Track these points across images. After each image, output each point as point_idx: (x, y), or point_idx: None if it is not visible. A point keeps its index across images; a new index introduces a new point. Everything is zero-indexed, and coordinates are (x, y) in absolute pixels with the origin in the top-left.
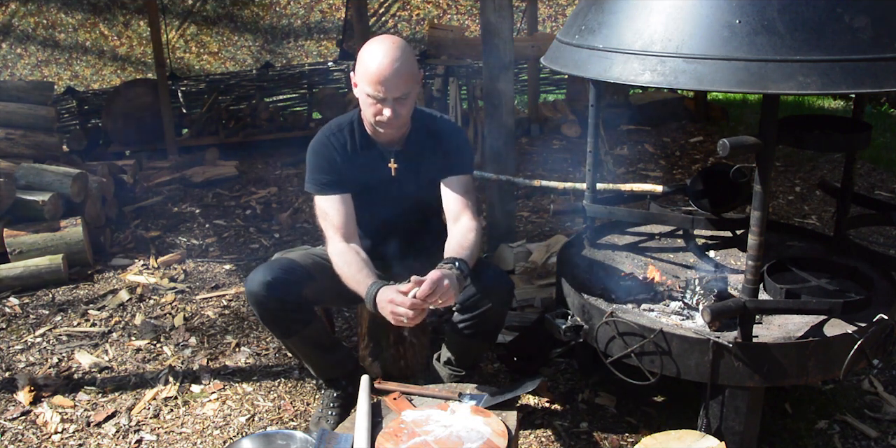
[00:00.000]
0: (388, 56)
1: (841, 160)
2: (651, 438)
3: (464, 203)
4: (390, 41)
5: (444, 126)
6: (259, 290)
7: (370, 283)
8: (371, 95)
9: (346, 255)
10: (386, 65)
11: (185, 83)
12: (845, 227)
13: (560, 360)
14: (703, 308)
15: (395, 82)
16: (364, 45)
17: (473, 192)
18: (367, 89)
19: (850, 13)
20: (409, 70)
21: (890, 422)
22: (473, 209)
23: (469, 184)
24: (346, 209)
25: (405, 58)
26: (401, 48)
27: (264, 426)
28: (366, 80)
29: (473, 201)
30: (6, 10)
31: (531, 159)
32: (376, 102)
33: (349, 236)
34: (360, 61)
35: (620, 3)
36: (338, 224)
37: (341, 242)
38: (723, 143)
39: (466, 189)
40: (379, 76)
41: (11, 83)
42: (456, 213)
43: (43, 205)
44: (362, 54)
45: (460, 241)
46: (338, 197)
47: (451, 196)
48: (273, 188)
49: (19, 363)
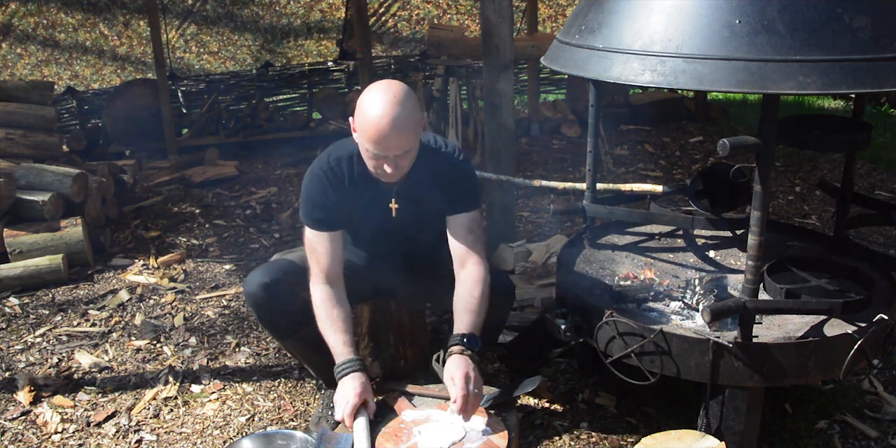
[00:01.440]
0: (387, 114)
1: (841, 160)
2: (651, 438)
3: (469, 244)
4: (391, 95)
5: (449, 160)
6: (257, 292)
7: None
8: (371, 152)
9: (328, 307)
10: (385, 124)
11: (185, 83)
12: (845, 227)
13: (560, 360)
14: (703, 308)
15: (396, 142)
16: (364, 94)
17: (480, 230)
18: (367, 146)
19: (850, 13)
20: (411, 126)
21: (890, 422)
22: (480, 250)
23: (474, 222)
24: (335, 248)
25: (406, 114)
26: (401, 103)
27: (264, 426)
28: (365, 137)
29: (480, 240)
30: (6, 10)
31: (531, 159)
32: (377, 158)
33: (333, 279)
34: (358, 113)
35: (620, 3)
36: (324, 264)
37: (324, 285)
38: (723, 143)
39: (471, 228)
40: (378, 136)
41: (11, 83)
42: (461, 257)
43: (43, 205)
44: (361, 106)
45: (467, 301)
46: (328, 234)
47: (456, 237)
48: (273, 188)
49: (19, 363)
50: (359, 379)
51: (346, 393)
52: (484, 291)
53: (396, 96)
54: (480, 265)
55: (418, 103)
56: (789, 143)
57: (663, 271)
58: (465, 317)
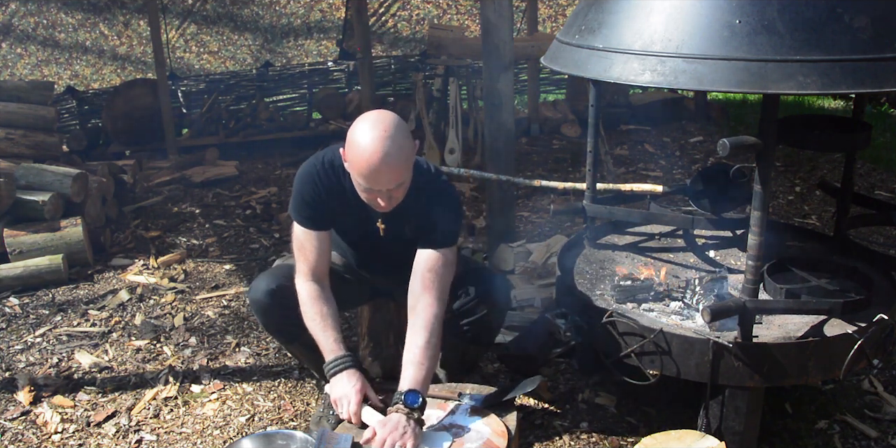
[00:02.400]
0: (378, 150)
1: (841, 160)
2: (651, 438)
3: (426, 284)
4: (381, 130)
5: (438, 191)
6: (263, 299)
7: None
8: (363, 186)
9: (315, 304)
10: (376, 161)
11: (185, 83)
12: (845, 227)
13: (560, 360)
14: (703, 308)
15: (387, 177)
16: (354, 127)
17: (446, 270)
18: (359, 180)
19: (850, 13)
20: (402, 160)
21: (890, 422)
22: (437, 290)
23: (440, 261)
24: (323, 247)
25: (396, 148)
26: (391, 137)
27: (264, 426)
28: (356, 172)
29: (440, 280)
30: (6, 10)
31: (531, 159)
32: (369, 192)
33: (320, 275)
34: (349, 147)
35: (620, 3)
36: (311, 261)
37: (310, 282)
38: (723, 143)
39: (432, 267)
40: (370, 172)
41: (11, 83)
42: (415, 296)
43: (43, 205)
44: (352, 140)
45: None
46: (316, 233)
47: (416, 272)
48: (273, 188)
49: (19, 363)
50: (354, 375)
51: (346, 391)
52: (430, 339)
53: (387, 131)
54: (431, 309)
55: (409, 134)
56: (789, 143)
57: (663, 271)
58: (408, 370)
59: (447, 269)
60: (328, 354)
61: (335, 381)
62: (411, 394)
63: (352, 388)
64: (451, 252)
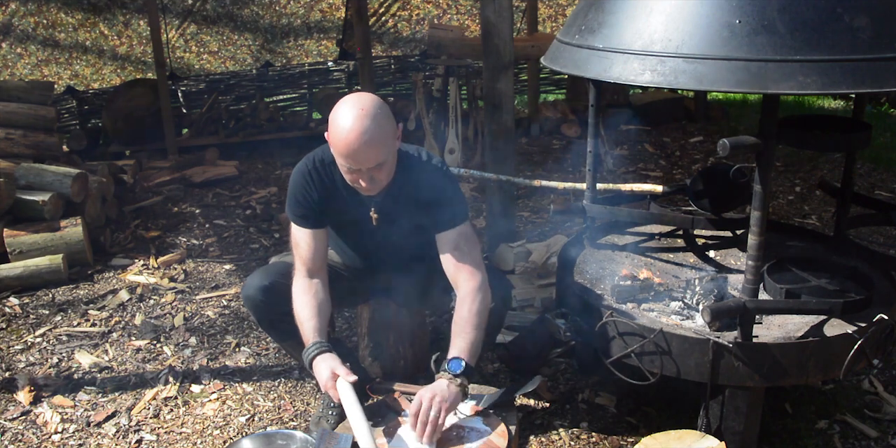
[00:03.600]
0: (356, 128)
1: (841, 160)
2: (651, 438)
3: (457, 261)
4: (359, 108)
5: (428, 174)
6: (256, 295)
7: (311, 343)
8: (344, 166)
9: (304, 296)
10: (354, 139)
11: (185, 83)
12: (845, 227)
13: (560, 360)
14: (703, 308)
15: (366, 155)
16: (335, 108)
17: (469, 243)
18: (339, 160)
19: (850, 13)
20: (382, 139)
21: (890, 422)
22: (471, 263)
23: (461, 237)
24: (317, 245)
25: (375, 126)
26: (370, 116)
27: (264, 426)
28: (336, 151)
29: (470, 254)
30: (6, 9)
31: (531, 159)
32: (351, 172)
33: (315, 271)
34: (330, 126)
35: (620, 3)
36: (306, 258)
37: (305, 278)
38: (723, 143)
39: (457, 245)
40: (348, 150)
41: (11, 83)
42: (452, 276)
43: (43, 205)
44: (332, 120)
45: (456, 323)
46: (310, 231)
47: (444, 255)
48: (273, 188)
49: (19, 363)
50: (326, 360)
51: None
52: (473, 307)
53: (366, 109)
54: (471, 282)
55: (390, 115)
56: (789, 143)
57: (663, 271)
58: (454, 340)
59: (471, 243)
60: (305, 342)
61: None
62: (454, 361)
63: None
64: (467, 227)
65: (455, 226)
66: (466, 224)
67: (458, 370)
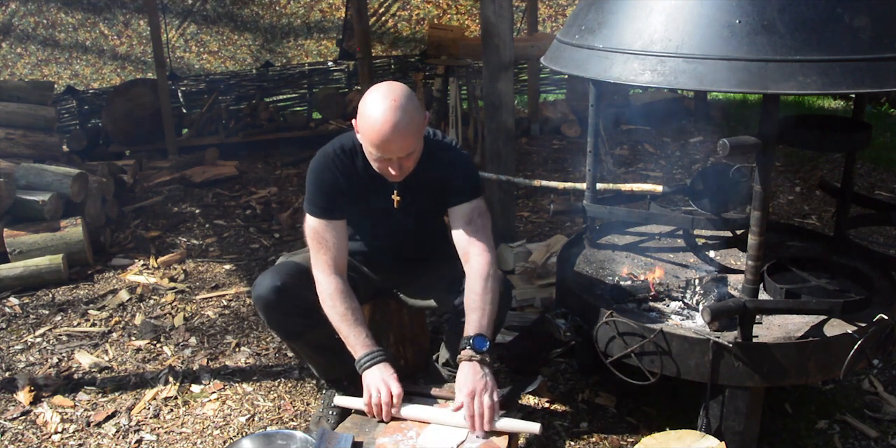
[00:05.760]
0: (389, 120)
1: (841, 160)
2: (651, 438)
3: (469, 235)
4: (391, 99)
5: (450, 156)
6: (268, 295)
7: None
8: (374, 155)
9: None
10: (388, 130)
11: (185, 83)
12: (845, 227)
13: (560, 360)
14: (703, 308)
15: (398, 145)
16: (365, 97)
17: (483, 220)
18: (370, 149)
19: (850, 13)
20: (414, 129)
21: (890, 422)
22: (483, 240)
23: (475, 211)
24: (341, 236)
25: (407, 118)
26: (402, 107)
27: (264, 426)
28: (368, 142)
29: (482, 231)
30: (6, 9)
31: (531, 159)
32: (381, 161)
33: (341, 268)
34: (361, 117)
35: (620, 3)
36: (333, 253)
37: (333, 276)
38: (723, 143)
39: (471, 219)
40: (381, 141)
41: (11, 83)
42: (464, 250)
43: (43, 205)
44: (363, 110)
45: (471, 299)
46: (335, 223)
47: (457, 229)
48: (273, 188)
49: (19, 363)
50: (388, 369)
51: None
52: (487, 285)
53: (398, 100)
54: (483, 256)
55: (419, 104)
56: (789, 143)
57: (663, 271)
58: (471, 316)
59: (484, 218)
60: (361, 349)
61: (368, 374)
62: (478, 338)
63: (390, 375)
64: (480, 202)
65: (468, 199)
66: (480, 199)
67: (484, 348)
